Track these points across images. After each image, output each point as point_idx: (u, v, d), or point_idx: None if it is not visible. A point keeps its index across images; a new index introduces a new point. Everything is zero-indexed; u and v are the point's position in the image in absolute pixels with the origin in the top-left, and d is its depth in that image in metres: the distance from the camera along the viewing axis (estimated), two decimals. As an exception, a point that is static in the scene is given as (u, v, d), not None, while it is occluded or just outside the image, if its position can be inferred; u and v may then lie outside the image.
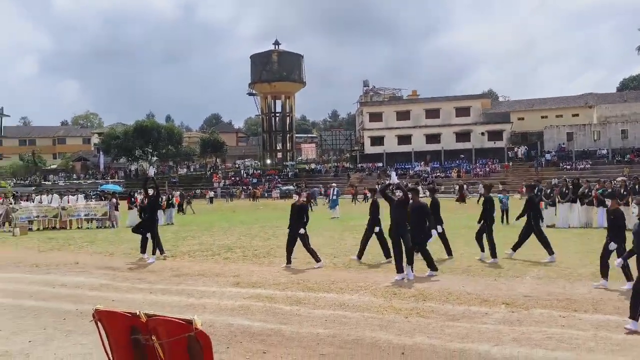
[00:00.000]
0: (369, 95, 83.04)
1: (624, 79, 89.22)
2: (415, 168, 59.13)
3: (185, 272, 11.45)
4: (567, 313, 7.39)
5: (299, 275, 10.69)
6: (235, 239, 17.30)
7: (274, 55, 70.57)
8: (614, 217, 8.77)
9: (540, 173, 49.50)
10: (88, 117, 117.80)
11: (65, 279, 10.88)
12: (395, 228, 10.25)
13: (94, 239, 18.31)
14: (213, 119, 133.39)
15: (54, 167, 77.16)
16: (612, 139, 54.52)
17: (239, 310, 7.95)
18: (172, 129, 72.73)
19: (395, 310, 7.74)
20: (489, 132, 60.47)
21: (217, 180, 61.90)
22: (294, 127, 74.89)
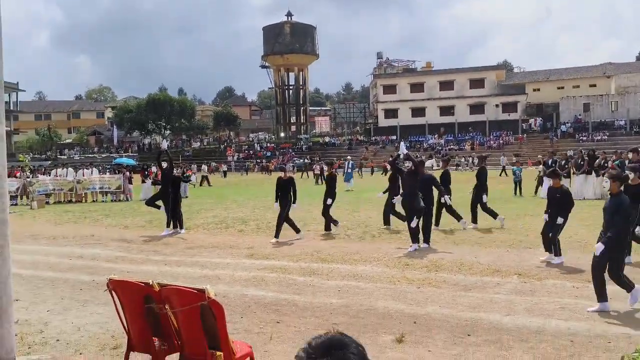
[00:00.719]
0: (383, 68, 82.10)
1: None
2: (428, 141, 58.76)
3: (200, 244, 11.57)
4: (580, 284, 7.37)
5: (312, 247, 10.75)
6: (249, 211, 17.39)
7: (286, 27, 69.89)
8: (560, 195, 8.66)
9: (555, 145, 48.92)
10: (101, 91, 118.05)
11: (82, 251, 11.05)
12: (407, 198, 10.24)
13: (109, 212, 18.53)
14: (226, 92, 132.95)
15: (69, 142, 77.79)
16: (630, 110, 53.56)
17: (252, 281, 8.03)
18: (185, 102, 72.72)
19: (407, 281, 7.77)
20: (504, 104, 59.69)
21: (230, 154, 62.04)
22: (307, 100, 74.53)
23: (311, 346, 1.36)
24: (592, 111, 55.42)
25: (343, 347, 1.35)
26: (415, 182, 10.24)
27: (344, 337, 1.38)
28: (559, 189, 8.81)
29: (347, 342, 1.36)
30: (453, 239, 11.13)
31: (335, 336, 1.38)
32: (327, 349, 1.34)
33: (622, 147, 34.06)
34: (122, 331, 5.40)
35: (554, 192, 8.83)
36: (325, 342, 1.36)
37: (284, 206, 11.75)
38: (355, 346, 1.37)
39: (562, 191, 8.78)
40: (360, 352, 1.36)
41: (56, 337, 5.69)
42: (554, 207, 8.74)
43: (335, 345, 1.35)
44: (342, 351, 1.34)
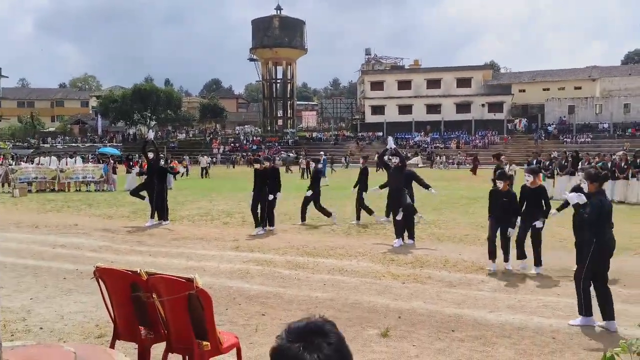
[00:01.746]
0: (371, 64, 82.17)
1: (629, 52, 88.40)
2: (415, 138, 59.00)
3: (185, 235, 11.52)
4: (563, 282, 7.47)
5: (298, 241, 10.76)
6: (234, 204, 17.34)
7: (275, 20, 69.56)
8: (506, 199, 8.25)
9: (540, 146, 49.41)
10: (86, 80, 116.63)
11: (65, 240, 10.94)
12: (394, 194, 10.30)
13: (92, 202, 18.36)
14: (213, 84, 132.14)
15: (52, 130, 76.83)
16: (614, 113, 54.24)
17: (237, 273, 8.03)
18: (172, 93, 72.13)
19: (392, 276, 7.81)
20: (490, 104, 60.09)
21: (216, 146, 61.74)
22: (295, 94, 74.33)
23: (290, 329, 1.35)
24: (577, 113, 56.02)
25: (321, 334, 1.33)
26: (402, 177, 10.30)
27: (325, 325, 1.36)
28: (507, 192, 8.31)
29: (326, 330, 1.34)
30: (438, 236, 11.21)
31: (316, 322, 1.37)
32: (303, 335, 1.32)
33: (606, 149, 34.55)
34: (106, 320, 5.37)
35: (528, 192, 8.21)
36: (304, 327, 1.35)
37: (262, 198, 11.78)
38: (334, 335, 1.34)
39: (510, 195, 8.28)
40: (338, 343, 1.33)
41: (39, 325, 5.63)
42: (530, 208, 8.17)
43: (313, 331, 1.33)
44: (319, 339, 1.32)
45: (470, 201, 17.98)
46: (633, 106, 54.80)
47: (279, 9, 70.63)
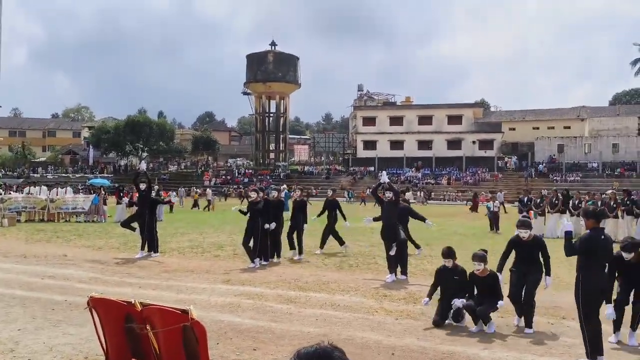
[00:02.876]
0: (363, 100, 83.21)
1: (616, 92, 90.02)
2: (406, 173, 59.32)
3: (175, 268, 11.41)
4: (555, 320, 7.45)
5: (289, 274, 10.69)
6: (225, 236, 17.25)
7: (269, 56, 70.52)
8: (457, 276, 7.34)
9: (530, 183, 49.81)
10: (79, 110, 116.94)
11: (54, 270, 10.80)
12: (387, 229, 10.30)
13: (82, 233, 18.19)
14: (206, 117, 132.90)
15: (43, 160, 76.57)
16: (603, 152, 54.96)
17: (229, 307, 7.94)
18: (164, 125, 72.39)
19: (385, 312, 7.76)
20: (480, 141, 60.76)
21: (207, 178, 61.68)
22: (287, 128, 74.83)
23: (299, 354, 1.36)
24: (566, 152, 56.71)
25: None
26: (395, 212, 10.33)
27: (334, 351, 1.38)
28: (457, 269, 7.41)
29: (335, 357, 1.36)
30: (430, 272, 11.15)
31: (325, 348, 1.38)
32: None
33: (595, 188, 34.87)
34: (95, 352, 5.28)
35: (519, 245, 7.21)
36: (313, 352, 1.36)
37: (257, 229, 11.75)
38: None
39: (459, 271, 7.38)
40: None
41: (27, 357, 5.52)
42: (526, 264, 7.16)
43: (322, 357, 1.35)
44: None
45: (463, 237, 18.00)
46: (621, 146, 55.59)
47: (274, 44, 71.72)
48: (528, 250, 7.14)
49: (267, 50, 71.23)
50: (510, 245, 7.29)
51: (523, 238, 7.08)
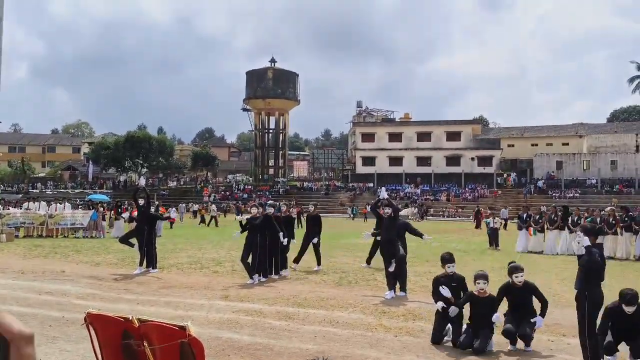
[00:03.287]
0: (362, 116, 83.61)
1: (614, 110, 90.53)
2: (405, 190, 59.34)
3: (173, 284, 11.35)
4: (555, 337, 7.40)
5: (288, 291, 10.63)
6: (224, 252, 17.20)
7: (269, 72, 70.95)
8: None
9: (529, 200, 49.84)
10: (79, 126, 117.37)
11: (52, 286, 10.74)
12: (386, 245, 10.28)
13: (80, 248, 18.13)
14: (206, 133, 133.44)
15: (42, 176, 76.59)
16: (601, 169, 55.06)
17: (227, 324, 7.88)
18: (164, 141, 72.57)
19: (385, 329, 7.71)
20: (479, 158, 60.91)
21: (207, 194, 61.66)
22: (286, 144, 75.04)
23: None
24: (565, 169, 56.83)
25: None
26: (394, 228, 10.31)
27: None
28: (454, 276, 7.34)
29: None
30: (430, 288, 11.11)
31: None
32: None
33: (594, 205, 34.87)
34: (92, 370, 5.22)
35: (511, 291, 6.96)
36: None
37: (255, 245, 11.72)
38: None
39: (457, 279, 7.34)
40: None
41: (22, 374, 5.45)
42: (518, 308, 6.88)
43: None
44: None
45: (463, 254, 17.94)
46: (620, 163, 55.72)
47: (273, 61, 72.20)
48: (521, 297, 6.85)
49: (267, 67, 71.70)
50: (501, 292, 6.98)
51: (519, 284, 6.80)
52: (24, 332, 0.82)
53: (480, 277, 6.84)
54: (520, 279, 6.76)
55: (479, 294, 6.86)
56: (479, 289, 6.82)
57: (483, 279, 6.83)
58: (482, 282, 6.80)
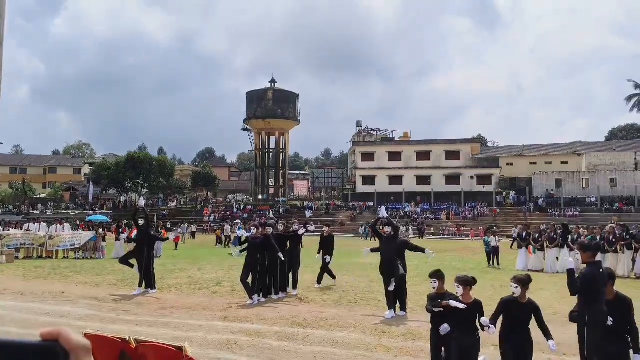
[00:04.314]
0: (362, 136, 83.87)
1: (612, 128, 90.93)
2: (405, 209, 59.29)
3: (172, 305, 11.32)
4: (557, 357, 7.37)
5: (288, 311, 10.60)
6: (224, 272, 17.15)
7: (269, 93, 71.39)
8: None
9: (529, 218, 49.79)
10: (80, 148, 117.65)
11: (51, 308, 10.71)
12: (386, 264, 10.27)
13: (80, 269, 18.09)
14: (206, 153, 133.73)
15: (43, 197, 76.62)
16: (600, 187, 55.06)
17: (226, 345, 7.86)
18: (165, 161, 72.73)
19: (385, 349, 7.68)
20: (478, 176, 60.97)
21: (207, 214, 61.61)
22: (287, 164, 75.19)
23: None
24: (564, 187, 56.83)
25: None
26: (394, 247, 10.32)
27: None
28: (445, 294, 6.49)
29: None
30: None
31: None
32: None
33: (594, 223, 34.84)
34: (90, 392, 5.20)
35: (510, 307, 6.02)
36: None
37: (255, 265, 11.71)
38: None
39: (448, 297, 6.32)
40: None
41: (20, 397, 5.43)
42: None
43: None
44: None
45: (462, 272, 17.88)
46: (619, 181, 55.73)
47: (273, 82, 72.68)
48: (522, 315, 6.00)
49: (267, 88, 72.16)
50: (501, 306, 6.10)
51: (513, 294, 6.01)
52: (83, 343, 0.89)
53: (458, 280, 6.21)
54: (514, 289, 5.99)
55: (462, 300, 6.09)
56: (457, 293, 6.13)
57: (461, 282, 6.16)
58: (456, 285, 6.16)
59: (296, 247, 13.30)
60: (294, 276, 13.17)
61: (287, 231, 13.44)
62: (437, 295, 6.40)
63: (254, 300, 11.54)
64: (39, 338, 0.86)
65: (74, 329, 3.00)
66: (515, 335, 5.86)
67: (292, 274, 13.13)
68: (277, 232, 12.81)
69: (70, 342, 0.85)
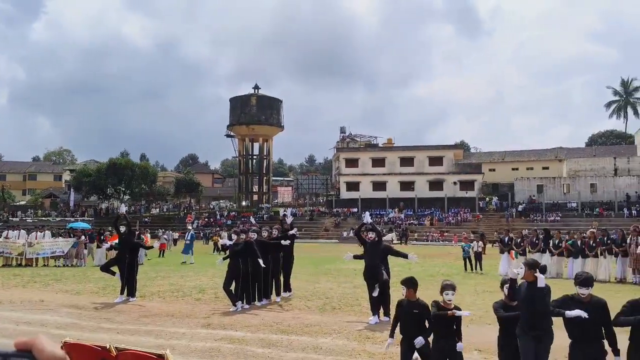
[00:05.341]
0: (346, 142, 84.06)
1: (592, 134, 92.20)
2: (389, 214, 59.48)
3: (155, 312, 11.20)
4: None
5: (271, 318, 10.55)
6: (207, 279, 17.02)
7: (253, 99, 71.26)
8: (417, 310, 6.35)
9: (511, 223, 50.24)
10: (61, 154, 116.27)
11: (30, 316, 10.53)
12: (370, 269, 10.28)
13: (61, 277, 17.83)
14: (189, 159, 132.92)
15: (22, 204, 75.51)
16: (581, 193, 55.80)
17: (209, 352, 7.79)
18: (147, 168, 72.16)
19: (368, 355, 7.67)
20: (461, 182, 61.42)
21: (190, 221, 61.17)
22: (270, 170, 75.03)
23: None
24: (545, 192, 57.47)
25: None
26: (378, 253, 10.34)
27: None
28: (417, 302, 6.42)
29: None
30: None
31: None
32: None
33: (575, 228, 35.28)
34: (69, 402, 5.11)
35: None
36: None
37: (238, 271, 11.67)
38: None
39: (420, 305, 6.37)
40: None
41: (-3, 408, 5.32)
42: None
43: None
44: None
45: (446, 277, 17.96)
46: (599, 186, 56.53)
47: (257, 87, 72.61)
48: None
49: (251, 94, 72.05)
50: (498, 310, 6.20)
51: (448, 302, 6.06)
52: (57, 355, 0.85)
53: (447, 287, 6.12)
54: (450, 297, 6.01)
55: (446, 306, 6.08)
56: (447, 300, 6.08)
57: (451, 289, 6.12)
58: (450, 292, 6.09)
59: (279, 254, 13.22)
60: (276, 283, 13.11)
61: (271, 238, 13.38)
62: (410, 302, 6.42)
63: (238, 307, 11.46)
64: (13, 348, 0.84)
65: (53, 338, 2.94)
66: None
67: (275, 281, 13.08)
68: (260, 239, 12.77)
69: (43, 353, 0.82)
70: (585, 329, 5.29)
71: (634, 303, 5.39)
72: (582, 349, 5.38)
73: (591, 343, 5.35)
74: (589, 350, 5.35)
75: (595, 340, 5.36)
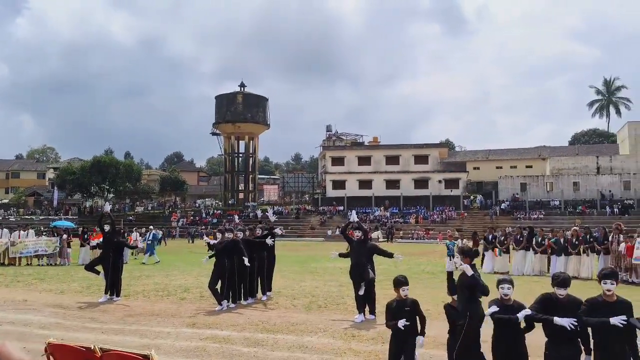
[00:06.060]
0: (332, 140, 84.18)
1: (575, 133, 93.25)
2: (375, 213, 59.69)
3: (139, 312, 11.15)
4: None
5: (257, 317, 10.55)
6: (192, 279, 16.96)
7: (239, 97, 71.02)
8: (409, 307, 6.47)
9: (495, 221, 50.66)
10: (44, 152, 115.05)
11: (13, 316, 10.43)
12: (356, 268, 10.32)
13: (44, 276, 17.66)
14: (174, 157, 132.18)
15: (5, 202, 74.59)
16: (564, 191, 56.44)
17: (194, 351, 7.78)
18: (131, 165, 71.65)
19: (354, 353, 7.71)
20: (446, 180, 61.85)
21: (175, 219, 60.85)
22: (256, 168, 74.85)
23: None
24: (529, 191, 58.04)
25: None
26: (364, 251, 10.39)
27: None
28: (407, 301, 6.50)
29: None
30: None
31: None
32: None
33: (558, 225, 35.65)
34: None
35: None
36: None
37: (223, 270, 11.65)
38: None
39: (410, 303, 6.48)
40: None
41: (-21, 409, 5.28)
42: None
43: None
44: None
45: (432, 276, 18.11)
46: (582, 184, 57.22)
47: (243, 85, 72.36)
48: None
49: (237, 92, 71.78)
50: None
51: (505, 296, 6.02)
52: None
53: (400, 284, 6.38)
54: (506, 291, 5.98)
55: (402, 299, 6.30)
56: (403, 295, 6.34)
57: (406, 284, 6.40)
58: (406, 288, 6.37)
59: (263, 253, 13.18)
60: (262, 282, 13.11)
61: (256, 236, 13.38)
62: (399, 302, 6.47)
63: (223, 306, 11.45)
64: None
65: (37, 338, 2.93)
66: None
67: (261, 280, 13.09)
68: (245, 238, 12.76)
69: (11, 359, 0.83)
70: (562, 328, 5.36)
71: (593, 302, 5.46)
72: (558, 348, 5.46)
73: (567, 342, 5.43)
74: (565, 349, 5.43)
75: (572, 340, 5.43)
